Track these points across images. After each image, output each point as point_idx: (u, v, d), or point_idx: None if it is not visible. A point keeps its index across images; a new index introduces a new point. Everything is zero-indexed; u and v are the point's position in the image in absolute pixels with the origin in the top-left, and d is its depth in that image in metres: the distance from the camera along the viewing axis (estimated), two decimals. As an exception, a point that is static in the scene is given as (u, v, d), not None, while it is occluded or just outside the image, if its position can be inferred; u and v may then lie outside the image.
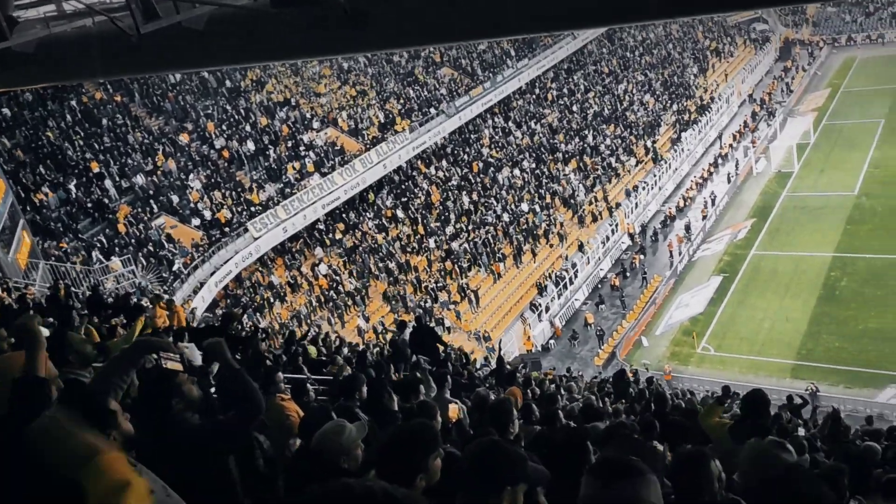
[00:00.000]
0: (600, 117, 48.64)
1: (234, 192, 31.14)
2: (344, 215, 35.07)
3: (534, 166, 42.41)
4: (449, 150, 41.84)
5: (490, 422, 4.77)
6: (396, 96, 41.51)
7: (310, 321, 29.26)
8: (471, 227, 36.45)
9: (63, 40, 10.87)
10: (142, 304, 15.41)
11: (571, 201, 40.06)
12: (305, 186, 32.29)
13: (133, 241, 26.44)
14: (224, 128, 33.86)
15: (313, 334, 19.61)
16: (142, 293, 21.02)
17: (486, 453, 2.63)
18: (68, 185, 27.03)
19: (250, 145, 33.58)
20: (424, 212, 36.85)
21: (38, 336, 4.10)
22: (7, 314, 9.51)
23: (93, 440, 2.83)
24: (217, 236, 28.41)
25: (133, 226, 27.12)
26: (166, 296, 17.65)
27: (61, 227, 25.35)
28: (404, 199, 37.35)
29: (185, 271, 25.71)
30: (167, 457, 3.34)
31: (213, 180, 31.23)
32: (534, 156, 43.39)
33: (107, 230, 26.52)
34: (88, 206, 26.93)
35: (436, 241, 35.08)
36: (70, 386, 3.35)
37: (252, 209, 30.33)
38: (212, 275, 26.67)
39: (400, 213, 36.42)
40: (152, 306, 13.37)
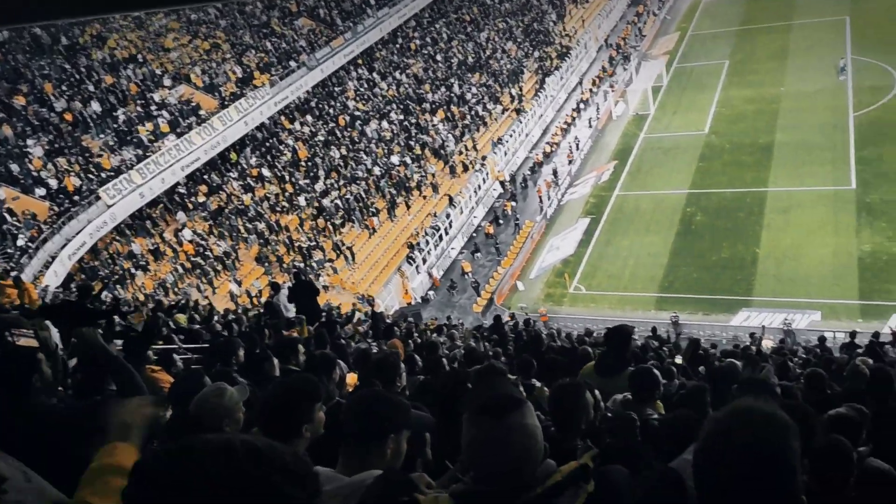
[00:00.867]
0: (465, 66, 48.61)
1: (81, 158, 28.76)
2: (206, 177, 33.40)
3: (402, 118, 41.94)
4: (313, 104, 40.56)
5: (376, 375, 4.72)
6: (253, 49, 39.58)
7: (177, 289, 27.86)
8: (341, 182, 35.70)
9: None
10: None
11: (442, 152, 40.03)
12: (161, 148, 30.36)
13: (-33, 216, 24.01)
14: (64, 88, 31.10)
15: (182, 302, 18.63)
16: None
17: (367, 403, 2.72)
18: None
19: (95, 106, 31.06)
20: (292, 169, 35.71)
21: None
22: None
23: None
24: (66, 206, 26.26)
25: (-35, 200, 24.60)
26: (14, 273, 16.20)
27: None
28: (269, 158, 35.99)
29: (33, 246, 23.64)
30: (28, 439, 2.98)
31: (56, 146, 28.71)
32: (401, 107, 42.87)
33: (-66, 206, 23.95)
34: None
35: (306, 198, 34.13)
36: None
37: (103, 175, 28.20)
38: (63, 248, 24.70)
39: (266, 171, 35.10)
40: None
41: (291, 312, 13.11)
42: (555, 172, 40.41)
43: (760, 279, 28.96)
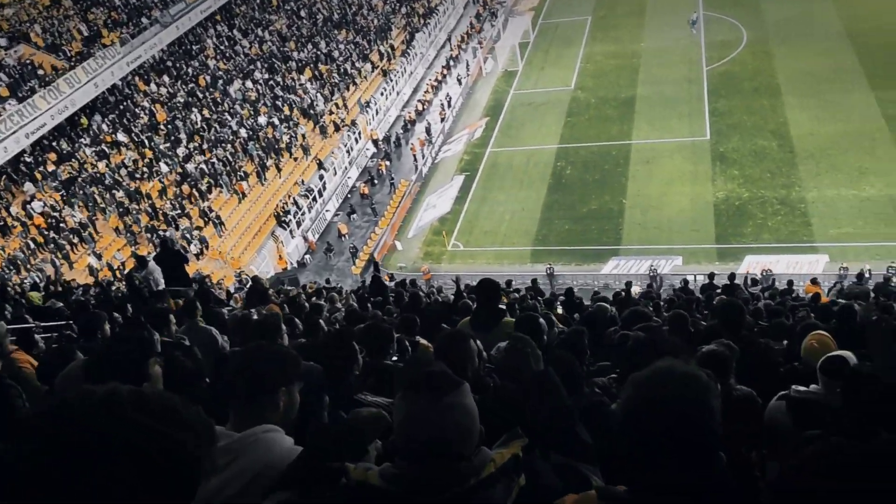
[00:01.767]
0: (330, 22, 47.17)
1: None
2: (55, 144, 30.78)
3: (267, 77, 40.26)
4: (170, 64, 38.14)
5: (258, 338, 4.52)
6: (99, 4, 36.56)
7: (29, 266, 25.71)
8: (206, 146, 33.91)
9: None
10: None
11: (311, 112, 38.82)
12: (2, 114, 27.64)
13: None
14: None
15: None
16: None
17: (254, 357, 2.59)
18: None
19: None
20: (150, 133, 33.53)
21: None
22: None
23: None
24: None
25: None
26: None
27: None
28: (125, 122, 33.60)
29: None
30: None
31: None
32: (265, 66, 41.12)
33: None
34: None
35: (167, 164, 32.19)
36: None
37: (-70, 144, 25.39)
38: None
39: (122, 136, 32.77)
40: None
41: (162, 286, 12.38)
42: (428, 130, 40.21)
43: (628, 228, 30.20)
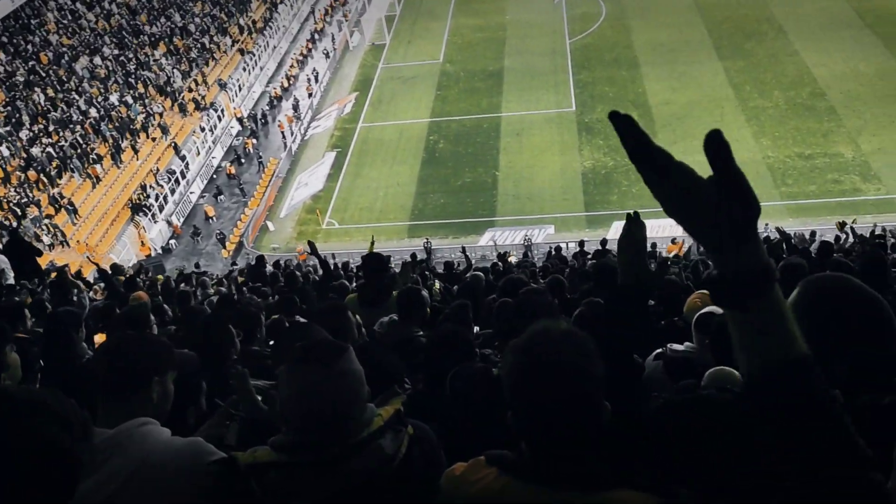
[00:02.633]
0: (186, -6, 44.64)
1: None
2: None
3: (117, 53, 37.55)
4: (5, 39, 34.79)
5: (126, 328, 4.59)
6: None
7: None
8: (52, 128, 31.23)
9: None
10: None
11: (168, 89, 36.60)
12: None
13: None
14: None
15: None
16: None
17: (121, 349, 2.44)
18: None
19: None
20: (-14, 115, 30.53)
21: None
22: None
23: None
24: None
25: None
26: None
27: None
28: (-46, 102, 30.41)
29: None
30: None
31: None
32: (115, 41, 38.34)
33: None
34: None
35: (9, 148, 29.42)
36: None
37: None
38: None
39: (-49, 119, 29.63)
40: None
41: (11, 280, 11.28)
42: (295, 107, 38.96)
43: (501, 200, 30.61)
